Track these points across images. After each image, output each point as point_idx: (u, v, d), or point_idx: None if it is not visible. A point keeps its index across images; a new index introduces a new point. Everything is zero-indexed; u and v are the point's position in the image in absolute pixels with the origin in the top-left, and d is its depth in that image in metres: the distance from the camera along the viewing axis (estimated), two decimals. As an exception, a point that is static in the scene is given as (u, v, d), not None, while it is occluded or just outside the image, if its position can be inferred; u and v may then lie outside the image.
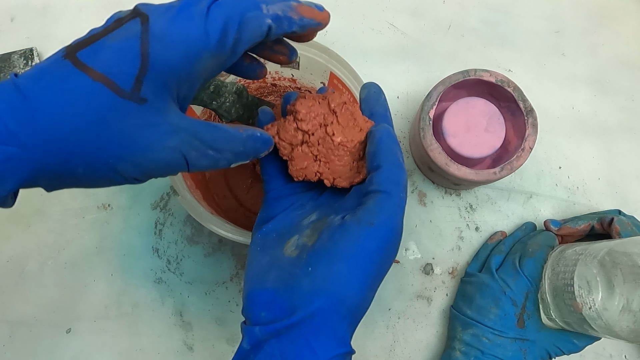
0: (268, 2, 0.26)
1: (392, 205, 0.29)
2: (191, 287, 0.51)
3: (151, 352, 0.49)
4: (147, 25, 0.23)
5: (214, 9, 0.24)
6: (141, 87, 0.23)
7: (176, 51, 0.24)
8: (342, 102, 0.32)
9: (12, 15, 0.58)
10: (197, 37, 0.24)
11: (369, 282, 0.28)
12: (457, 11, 0.62)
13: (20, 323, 0.49)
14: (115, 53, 0.23)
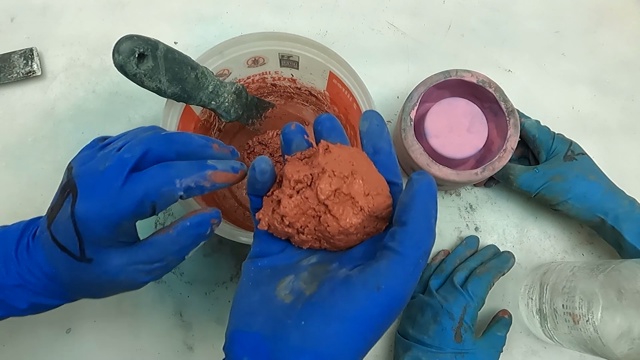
0: (182, 176, 0.30)
1: (407, 273, 0.25)
2: (191, 287, 0.51)
3: (151, 352, 0.49)
4: (74, 209, 0.29)
5: (131, 187, 0.29)
6: (84, 252, 0.30)
7: (98, 226, 0.29)
8: (334, 190, 0.27)
9: (12, 15, 0.58)
10: (114, 215, 0.29)
11: (364, 347, 0.26)
12: (457, 11, 0.62)
13: (20, 323, 0.49)
14: (64, 231, 0.30)
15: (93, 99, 0.56)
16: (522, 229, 0.55)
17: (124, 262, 0.31)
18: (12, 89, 0.55)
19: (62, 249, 0.31)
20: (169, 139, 0.31)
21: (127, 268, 0.31)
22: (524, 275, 0.53)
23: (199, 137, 0.32)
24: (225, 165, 0.32)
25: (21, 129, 0.54)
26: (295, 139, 0.31)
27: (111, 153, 0.30)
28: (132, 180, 0.29)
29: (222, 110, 0.44)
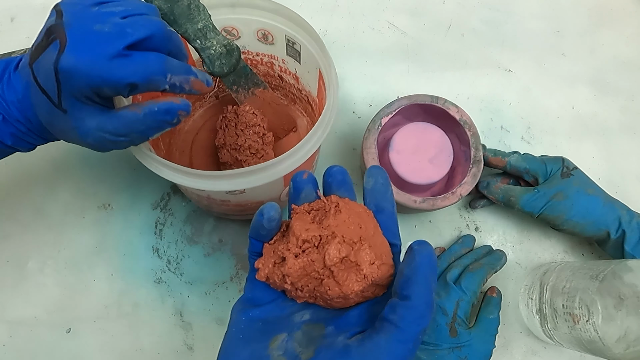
0: (174, 72, 0.32)
1: (406, 349, 0.25)
2: (191, 287, 0.51)
3: (151, 352, 0.49)
4: (59, 57, 0.29)
5: (125, 62, 0.30)
6: (62, 101, 0.31)
7: (79, 84, 0.30)
8: (342, 257, 0.27)
9: (12, 15, 0.58)
10: (98, 78, 0.30)
11: None
12: (457, 11, 0.63)
13: (20, 323, 0.49)
14: (45, 75, 0.30)
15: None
16: (522, 229, 0.55)
17: (93, 126, 0.32)
18: (12, 89, 0.55)
19: (42, 92, 0.31)
20: (169, 37, 0.32)
21: (95, 132, 0.32)
22: (524, 275, 0.53)
23: (185, 49, 0.35)
24: (202, 76, 0.35)
25: (21, 128, 0.54)
26: (305, 189, 0.30)
27: (111, 18, 0.30)
28: (126, 58, 0.30)
29: (207, 55, 0.43)
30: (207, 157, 0.53)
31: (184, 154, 0.53)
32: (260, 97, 0.50)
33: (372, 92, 0.58)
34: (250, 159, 0.49)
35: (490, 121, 0.58)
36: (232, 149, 0.49)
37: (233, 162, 0.50)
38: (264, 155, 0.50)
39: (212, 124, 0.54)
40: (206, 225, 0.52)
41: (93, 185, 0.53)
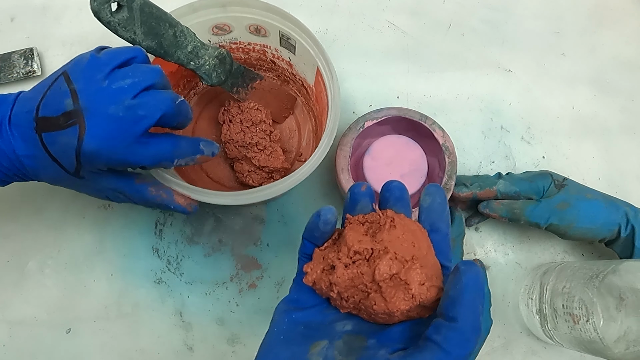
0: (181, 156, 0.37)
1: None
2: (191, 288, 0.51)
3: (151, 352, 0.49)
4: (81, 144, 0.32)
5: (139, 148, 0.33)
6: (79, 173, 0.35)
7: (99, 163, 0.34)
8: (392, 274, 0.27)
9: (12, 15, 0.58)
10: (116, 160, 0.34)
11: None
12: (457, 11, 0.62)
13: (20, 323, 0.49)
14: (62, 152, 0.33)
15: (93, 98, 0.56)
16: (522, 229, 0.55)
17: (106, 185, 0.37)
18: (12, 89, 0.55)
19: (53, 159, 0.34)
20: (178, 111, 0.35)
21: (111, 192, 0.38)
22: (524, 276, 0.53)
23: (191, 113, 0.37)
24: (208, 150, 0.39)
25: (21, 129, 0.54)
26: (362, 201, 0.30)
27: (123, 97, 0.32)
28: (144, 143, 0.34)
29: (203, 72, 0.44)
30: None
31: None
32: (259, 89, 0.50)
33: (372, 92, 0.58)
34: (259, 156, 0.51)
35: (491, 121, 0.58)
36: (240, 145, 0.50)
37: (242, 157, 0.51)
38: (272, 152, 0.51)
39: (210, 113, 0.55)
40: (206, 226, 0.52)
41: (93, 185, 0.53)
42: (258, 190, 0.40)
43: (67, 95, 0.32)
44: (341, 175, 0.46)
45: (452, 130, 0.57)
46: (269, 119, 0.51)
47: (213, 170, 0.53)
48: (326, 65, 0.44)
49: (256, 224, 0.53)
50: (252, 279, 0.51)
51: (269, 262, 0.52)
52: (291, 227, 0.53)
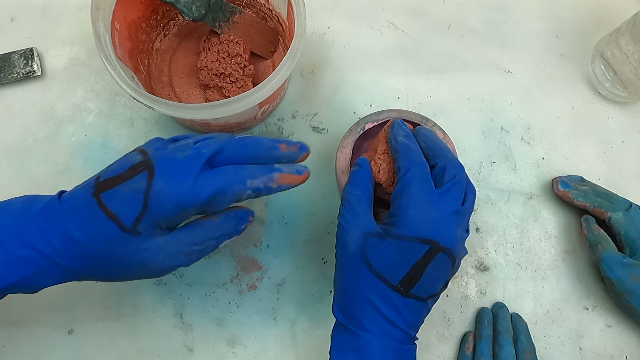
0: (253, 176, 0.33)
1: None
2: (191, 289, 0.50)
3: (151, 353, 0.49)
4: (151, 182, 0.32)
5: (206, 180, 0.32)
6: (138, 225, 0.32)
7: (167, 205, 0.32)
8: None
9: (12, 15, 0.58)
10: (185, 199, 0.32)
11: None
12: (457, 11, 0.62)
13: (20, 324, 0.49)
14: (124, 200, 0.32)
15: (93, 98, 0.56)
16: (522, 230, 0.55)
17: (167, 240, 0.33)
18: (12, 89, 0.55)
19: (109, 217, 0.32)
20: (241, 143, 0.35)
21: (168, 248, 0.33)
22: (524, 276, 0.53)
23: (267, 140, 0.36)
24: (290, 169, 0.35)
25: (21, 129, 0.54)
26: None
27: (188, 146, 0.34)
28: (207, 174, 0.33)
29: (182, 6, 0.45)
30: (186, 77, 0.56)
31: (163, 73, 0.56)
32: (240, 22, 0.52)
33: (372, 93, 0.58)
34: (230, 87, 0.52)
35: (491, 121, 0.58)
36: (213, 74, 0.52)
37: (213, 86, 0.53)
38: (243, 86, 0.53)
39: (188, 44, 0.57)
40: (206, 226, 0.52)
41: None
42: (233, 101, 0.41)
43: (137, 155, 0.34)
44: (341, 177, 0.46)
45: (453, 131, 0.57)
46: (246, 54, 0.52)
47: (187, 98, 0.55)
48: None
49: (256, 225, 0.53)
50: (252, 280, 0.51)
51: (269, 263, 0.52)
52: (291, 228, 0.53)
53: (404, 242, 0.35)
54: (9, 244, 0.32)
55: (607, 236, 0.51)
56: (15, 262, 0.32)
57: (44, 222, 0.32)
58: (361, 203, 0.39)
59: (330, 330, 0.50)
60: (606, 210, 0.51)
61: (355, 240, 0.37)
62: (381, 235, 0.36)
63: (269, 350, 0.49)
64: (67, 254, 0.32)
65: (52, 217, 0.32)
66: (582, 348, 0.52)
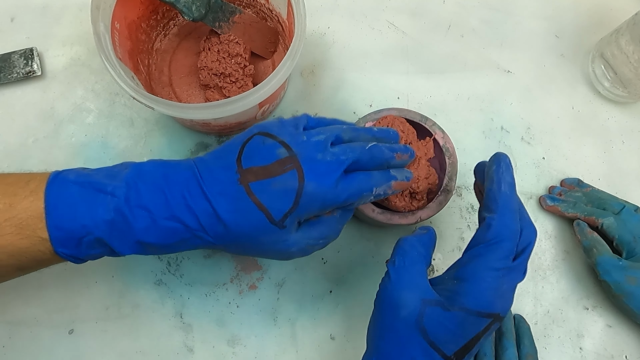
0: (378, 185, 0.38)
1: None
2: (191, 289, 0.50)
3: (151, 353, 0.49)
4: (302, 184, 0.34)
5: (345, 185, 0.36)
6: (286, 219, 0.34)
7: (314, 205, 0.35)
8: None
9: (12, 15, 0.58)
10: (328, 201, 0.35)
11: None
12: (457, 11, 0.62)
13: (21, 324, 0.49)
14: (276, 195, 0.34)
15: (93, 98, 0.56)
16: (522, 230, 0.55)
17: (300, 235, 0.36)
18: (12, 89, 0.55)
19: (259, 208, 0.34)
20: (370, 154, 0.38)
21: (301, 242, 0.36)
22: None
23: (387, 149, 0.39)
24: (401, 175, 0.40)
25: (21, 129, 0.54)
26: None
27: (324, 146, 0.36)
28: (346, 179, 0.36)
29: (182, 6, 0.45)
30: (186, 77, 0.57)
31: (163, 73, 0.56)
32: (240, 22, 0.52)
33: (372, 93, 0.58)
34: (230, 87, 0.52)
35: (491, 121, 0.58)
36: (213, 74, 0.52)
37: (214, 86, 0.53)
38: (243, 86, 0.53)
39: (188, 44, 0.58)
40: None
41: (93, 186, 0.53)
42: (233, 101, 0.42)
43: (277, 146, 0.35)
44: None
45: (453, 131, 0.57)
46: (246, 54, 0.52)
47: (187, 98, 0.56)
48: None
49: (256, 224, 0.53)
50: (252, 280, 0.51)
51: (269, 263, 0.52)
52: (291, 227, 0.53)
53: (471, 317, 0.33)
54: (156, 213, 0.34)
55: (601, 239, 0.51)
56: (162, 231, 0.34)
57: (189, 196, 0.34)
58: (420, 262, 0.37)
59: (330, 330, 0.50)
60: (597, 217, 0.51)
61: (410, 304, 0.35)
62: (444, 306, 0.34)
63: (269, 350, 0.49)
64: (212, 231, 0.34)
65: (196, 193, 0.34)
66: (582, 348, 0.52)
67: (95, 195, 0.34)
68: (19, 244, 0.32)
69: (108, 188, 0.34)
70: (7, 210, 0.32)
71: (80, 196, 0.33)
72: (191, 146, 0.55)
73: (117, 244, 0.34)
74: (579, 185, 0.56)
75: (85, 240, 0.33)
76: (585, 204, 0.54)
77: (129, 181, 0.34)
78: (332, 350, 0.50)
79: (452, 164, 0.47)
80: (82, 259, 0.35)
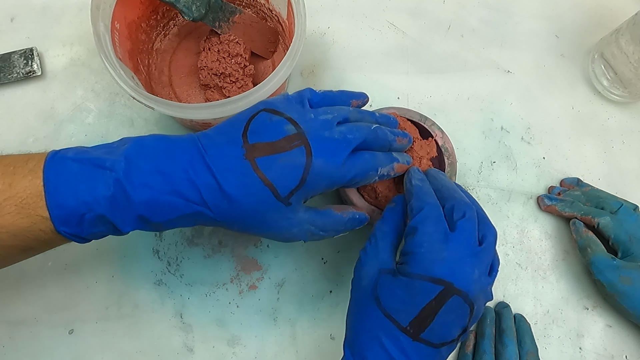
0: (382, 165, 0.38)
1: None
2: (191, 289, 0.50)
3: (151, 353, 0.49)
4: (310, 160, 0.34)
5: (351, 164, 0.36)
6: (292, 196, 0.34)
7: (321, 183, 0.35)
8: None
9: (12, 15, 0.58)
10: (336, 179, 0.35)
11: None
12: (457, 11, 0.62)
13: (21, 324, 0.49)
14: (283, 171, 0.34)
15: (93, 98, 0.56)
16: (522, 230, 0.55)
17: (306, 218, 0.36)
18: (12, 89, 0.55)
19: (266, 184, 0.33)
20: (375, 135, 0.38)
21: (304, 224, 0.36)
22: (524, 277, 0.53)
23: (390, 132, 0.40)
24: (402, 159, 0.41)
25: (21, 129, 0.54)
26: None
27: (331, 124, 0.36)
28: (352, 158, 0.36)
29: (182, 6, 0.45)
30: (186, 77, 0.56)
31: (163, 73, 0.56)
32: (240, 22, 0.52)
33: (373, 93, 0.58)
34: (230, 87, 0.52)
35: (491, 121, 0.58)
36: (213, 74, 0.52)
37: (214, 86, 0.53)
38: (243, 86, 0.53)
39: (188, 44, 0.57)
40: (206, 227, 0.52)
41: (93, 186, 0.53)
42: (233, 101, 0.42)
43: (285, 122, 0.35)
44: None
45: (453, 131, 0.57)
46: (247, 54, 0.52)
47: (187, 98, 0.56)
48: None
49: (256, 224, 0.53)
50: (252, 280, 0.51)
51: (269, 263, 0.52)
52: (291, 227, 0.53)
53: (415, 281, 0.34)
54: (157, 188, 0.33)
55: (596, 239, 0.51)
56: (163, 206, 0.33)
57: (192, 171, 0.33)
58: (385, 239, 0.39)
59: (330, 330, 0.50)
60: (593, 217, 0.51)
61: (370, 275, 0.37)
62: (394, 273, 0.35)
63: (269, 350, 0.49)
64: (215, 207, 0.33)
65: (200, 167, 0.33)
66: (582, 348, 0.52)
67: (94, 171, 0.33)
68: (20, 224, 0.32)
69: (107, 163, 0.33)
70: (6, 189, 0.32)
71: (79, 173, 0.32)
72: (191, 146, 0.55)
73: (119, 219, 0.33)
74: (579, 185, 0.56)
75: (86, 217, 0.32)
76: (583, 203, 0.54)
77: (128, 155, 0.33)
78: (332, 350, 0.50)
79: (452, 164, 0.47)
80: (85, 237, 0.34)
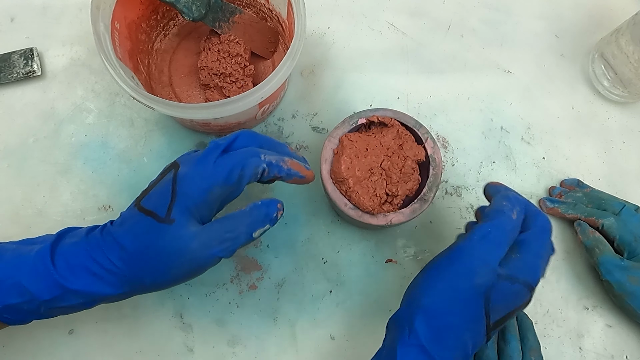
0: (267, 153, 0.37)
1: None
2: (191, 289, 0.50)
3: (151, 353, 0.49)
4: (176, 171, 0.35)
5: (223, 160, 0.35)
6: (171, 212, 0.34)
7: (194, 186, 0.35)
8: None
9: (12, 15, 0.58)
10: (209, 177, 0.35)
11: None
12: (457, 11, 0.63)
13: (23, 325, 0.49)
14: (157, 195, 0.35)
15: (93, 98, 0.56)
16: (522, 230, 0.55)
17: (200, 229, 0.35)
18: (12, 89, 0.55)
19: (147, 214, 0.35)
20: (254, 133, 0.38)
21: (202, 235, 0.35)
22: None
23: (279, 141, 0.40)
24: (299, 160, 0.39)
25: (22, 129, 0.54)
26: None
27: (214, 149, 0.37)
28: (225, 155, 0.36)
29: (182, 6, 0.46)
30: (186, 77, 0.56)
31: (163, 73, 0.56)
32: (240, 22, 0.52)
33: (373, 93, 0.58)
34: (230, 87, 0.52)
35: (491, 121, 0.58)
36: (214, 74, 0.52)
37: (214, 86, 0.53)
38: (243, 85, 0.53)
39: (188, 44, 0.58)
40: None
41: (93, 187, 0.53)
42: (233, 101, 0.42)
43: (167, 166, 0.38)
44: (324, 165, 0.46)
45: (453, 131, 0.57)
46: (247, 54, 0.52)
47: (187, 98, 0.56)
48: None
49: (256, 224, 0.53)
50: (252, 280, 0.51)
51: (269, 263, 0.52)
52: (291, 228, 0.53)
53: (521, 288, 0.36)
54: (79, 267, 0.35)
55: (603, 239, 0.51)
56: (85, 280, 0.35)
57: (104, 244, 0.35)
58: (507, 243, 0.38)
59: (330, 330, 0.50)
60: (597, 218, 0.52)
61: (486, 273, 0.36)
62: (512, 280, 0.36)
63: (269, 350, 0.49)
64: (118, 261, 0.35)
65: (109, 238, 0.35)
66: (582, 348, 0.52)
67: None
68: None
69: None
70: None
71: None
72: (191, 146, 0.55)
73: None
74: (579, 186, 0.56)
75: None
76: (585, 204, 0.54)
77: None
78: (332, 350, 0.50)
79: (435, 175, 0.47)
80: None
